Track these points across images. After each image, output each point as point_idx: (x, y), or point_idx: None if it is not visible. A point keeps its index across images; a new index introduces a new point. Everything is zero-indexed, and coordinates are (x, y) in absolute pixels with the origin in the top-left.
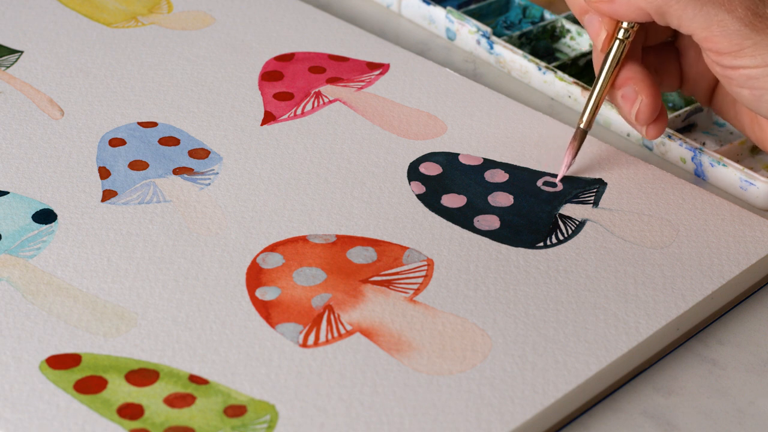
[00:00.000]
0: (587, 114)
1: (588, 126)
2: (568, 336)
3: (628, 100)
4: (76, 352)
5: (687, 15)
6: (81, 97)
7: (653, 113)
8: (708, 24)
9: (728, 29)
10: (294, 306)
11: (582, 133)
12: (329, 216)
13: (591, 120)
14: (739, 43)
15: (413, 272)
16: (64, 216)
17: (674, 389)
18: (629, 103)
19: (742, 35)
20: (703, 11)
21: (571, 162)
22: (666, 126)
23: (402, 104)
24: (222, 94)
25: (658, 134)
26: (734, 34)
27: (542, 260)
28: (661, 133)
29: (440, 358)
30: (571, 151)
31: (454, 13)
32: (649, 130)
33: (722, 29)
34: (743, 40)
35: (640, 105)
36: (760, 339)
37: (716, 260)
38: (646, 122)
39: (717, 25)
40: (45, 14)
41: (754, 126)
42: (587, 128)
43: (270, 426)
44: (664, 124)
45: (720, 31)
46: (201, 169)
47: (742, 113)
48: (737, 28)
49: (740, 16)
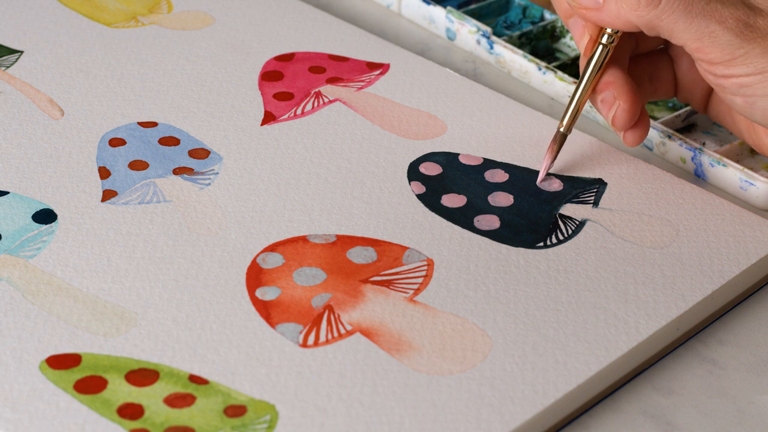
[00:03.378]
0: (567, 118)
1: (567, 130)
2: (568, 336)
3: (606, 104)
4: (76, 352)
5: (678, 27)
6: (81, 97)
7: (631, 119)
8: (699, 36)
9: (719, 40)
10: (294, 306)
11: (561, 137)
12: (329, 216)
13: (571, 124)
14: (731, 53)
15: (413, 272)
16: (64, 216)
17: (674, 389)
18: (607, 107)
19: (734, 45)
20: (695, 23)
21: (550, 165)
22: (647, 134)
23: (402, 104)
24: (222, 94)
25: (637, 142)
26: (726, 44)
27: (542, 260)
28: (641, 140)
29: (440, 358)
30: (551, 155)
31: (454, 13)
32: (627, 136)
33: (713, 40)
34: (735, 50)
35: (617, 110)
36: (760, 339)
37: (716, 260)
38: (622, 127)
39: (708, 37)
40: (45, 14)
41: (751, 132)
42: (567, 132)
43: (270, 426)
44: (644, 131)
45: (711, 42)
46: (201, 169)
47: (738, 119)
48: (728, 38)
49: (731, 27)
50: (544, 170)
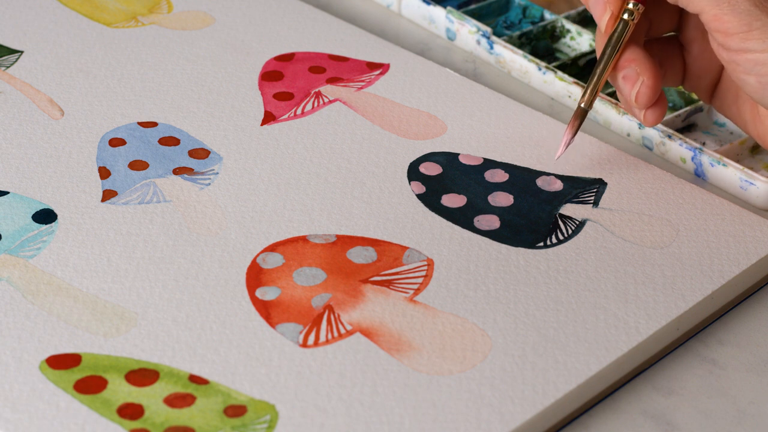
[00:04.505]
0: (588, 93)
1: (589, 105)
2: (568, 336)
3: (629, 81)
4: (76, 352)
5: None
6: (81, 97)
7: (653, 96)
8: (718, 1)
9: (739, 7)
10: (294, 306)
11: (582, 112)
12: (329, 216)
13: (592, 100)
14: (749, 23)
15: (413, 272)
16: (64, 216)
17: (674, 389)
18: (630, 84)
19: (752, 15)
20: None
21: (570, 141)
22: (665, 113)
23: (402, 104)
24: (222, 94)
25: (657, 121)
26: (744, 12)
27: (542, 260)
28: (660, 120)
29: (440, 358)
30: (571, 130)
31: (454, 13)
32: (647, 115)
33: (732, 7)
34: (753, 20)
35: (640, 86)
36: (760, 339)
37: (716, 260)
38: (645, 105)
39: (727, 3)
40: (45, 14)
41: (757, 122)
42: (588, 108)
43: (270, 426)
44: (663, 110)
45: (730, 9)
46: (201, 169)
47: (743, 109)
48: (747, 6)
49: None
50: (564, 145)
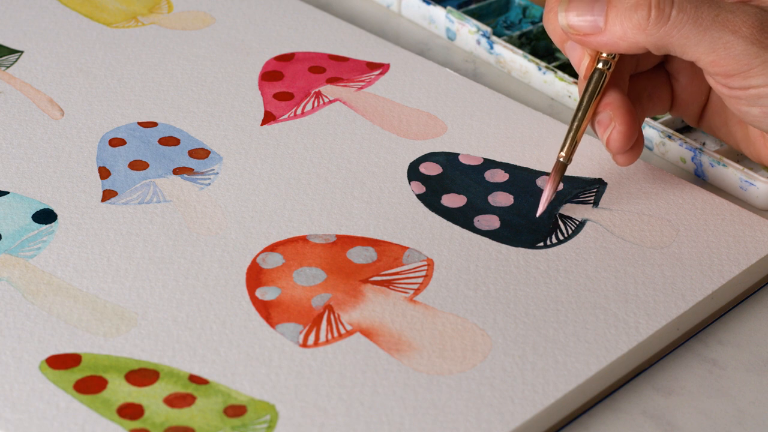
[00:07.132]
0: (567, 147)
1: (568, 160)
2: (568, 336)
3: (602, 125)
4: (76, 352)
5: (690, 42)
6: (81, 97)
7: (626, 142)
8: (713, 48)
9: (734, 50)
10: (294, 306)
11: (562, 166)
12: (329, 216)
13: (571, 154)
14: (748, 63)
15: (413, 272)
16: (64, 216)
17: (674, 389)
18: (603, 128)
19: (750, 54)
20: (707, 35)
21: (552, 195)
22: (639, 154)
23: (402, 104)
24: (222, 94)
25: (629, 163)
26: (741, 54)
27: (542, 260)
28: (633, 161)
29: (440, 358)
30: (552, 185)
31: (454, 13)
32: (618, 158)
33: (728, 51)
34: (751, 59)
35: (612, 131)
36: (760, 339)
37: (716, 260)
38: (617, 151)
39: (723, 48)
40: (45, 14)
41: (748, 142)
42: (567, 162)
43: (270, 426)
44: (638, 153)
45: (726, 53)
46: (201, 169)
47: (734, 130)
48: (744, 48)
49: (745, 35)
50: (544, 202)
